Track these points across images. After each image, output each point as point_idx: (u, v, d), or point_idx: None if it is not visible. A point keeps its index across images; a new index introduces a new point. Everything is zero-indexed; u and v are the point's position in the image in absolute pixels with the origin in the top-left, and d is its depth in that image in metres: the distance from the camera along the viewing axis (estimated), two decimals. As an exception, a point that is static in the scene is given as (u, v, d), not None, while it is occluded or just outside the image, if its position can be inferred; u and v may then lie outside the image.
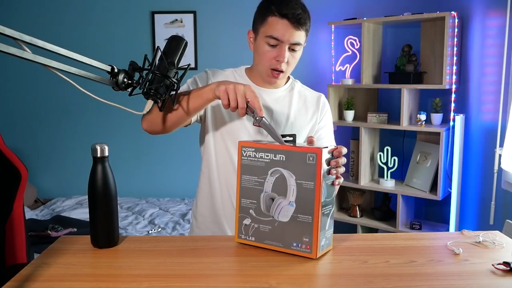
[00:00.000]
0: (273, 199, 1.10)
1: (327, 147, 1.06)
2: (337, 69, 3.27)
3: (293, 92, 1.47)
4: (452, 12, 2.74)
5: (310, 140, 1.16)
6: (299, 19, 1.27)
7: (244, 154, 1.13)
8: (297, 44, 1.31)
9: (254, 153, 1.12)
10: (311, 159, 1.04)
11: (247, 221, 1.14)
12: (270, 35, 1.29)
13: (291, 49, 1.32)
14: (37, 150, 3.74)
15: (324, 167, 1.04)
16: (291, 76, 1.51)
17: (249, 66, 1.48)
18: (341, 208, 3.37)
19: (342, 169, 1.11)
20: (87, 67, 1.00)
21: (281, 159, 1.08)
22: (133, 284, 0.94)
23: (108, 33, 3.61)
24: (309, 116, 1.46)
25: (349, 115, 3.16)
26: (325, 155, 1.04)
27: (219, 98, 1.16)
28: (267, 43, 1.30)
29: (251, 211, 1.13)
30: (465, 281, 0.97)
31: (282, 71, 1.34)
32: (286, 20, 1.27)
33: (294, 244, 1.08)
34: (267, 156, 1.10)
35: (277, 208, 1.09)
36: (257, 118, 1.13)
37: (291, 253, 1.08)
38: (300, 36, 1.30)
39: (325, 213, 1.06)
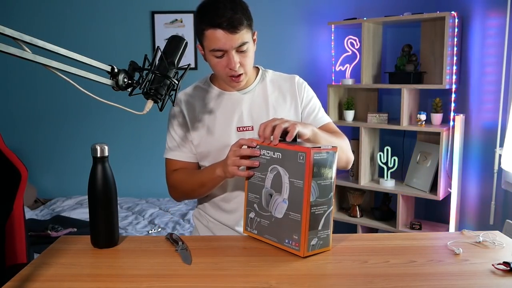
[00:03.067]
0: (271, 195, 1.12)
1: (319, 146, 1.06)
2: (337, 69, 3.27)
3: (266, 84, 1.46)
4: (452, 12, 2.74)
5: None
6: (232, 22, 1.24)
7: None
8: (242, 44, 1.29)
9: (258, 150, 1.15)
10: (301, 158, 1.04)
11: (252, 215, 1.18)
12: (213, 49, 1.28)
13: (240, 51, 1.30)
14: (37, 150, 3.74)
15: (315, 164, 1.04)
16: (260, 68, 1.49)
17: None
18: (341, 208, 3.37)
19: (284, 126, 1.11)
20: (87, 67, 0.99)
21: (278, 157, 1.10)
22: (133, 284, 0.94)
23: (108, 33, 3.61)
24: (288, 102, 1.45)
25: (349, 115, 3.16)
26: (314, 155, 1.03)
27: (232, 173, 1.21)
28: (214, 55, 1.30)
29: (255, 205, 1.17)
30: (465, 281, 0.97)
31: (241, 74, 1.34)
32: (220, 30, 1.25)
33: (286, 241, 1.10)
34: (268, 153, 1.13)
35: (273, 204, 1.12)
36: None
37: (284, 249, 1.11)
38: (240, 37, 1.27)
39: (316, 213, 1.06)
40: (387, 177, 3.03)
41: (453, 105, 2.87)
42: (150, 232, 2.91)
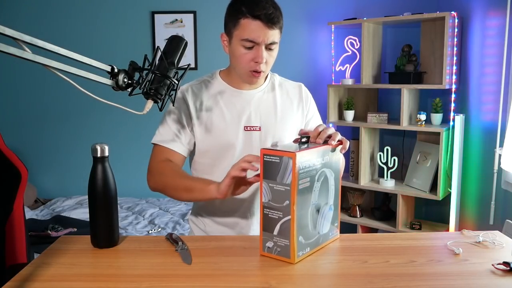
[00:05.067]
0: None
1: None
2: (337, 69, 3.27)
3: (275, 87, 1.47)
4: (452, 12, 2.74)
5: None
6: (272, 18, 1.26)
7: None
8: (273, 43, 1.30)
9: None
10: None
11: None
12: (246, 38, 1.27)
13: (268, 48, 1.31)
14: (37, 150, 3.74)
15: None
16: (269, 72, 1.50)
17: (224, 69, 1.47)
18: (341, 208, 3.35)
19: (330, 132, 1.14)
20: (87, 67, 1.00)
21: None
22: (133, 284, 0.94)
23: (108, 33, 3.61)
24: (295, 107, 1.47)
25: (349, 115, 3.15)
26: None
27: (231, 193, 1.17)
28: (243, 46, 1.29)
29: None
30: (465, 281, 0.97)
31: (262, 71, 1.34)
32: (259, 21, 1.25)
33: None
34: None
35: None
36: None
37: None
38: (274, 34, 1.29)
39: (269, 215, 1.05)
40: (387, 177, 3.03)
41: (453, 105, 2.87)
42: (150, 232, 2.91)
